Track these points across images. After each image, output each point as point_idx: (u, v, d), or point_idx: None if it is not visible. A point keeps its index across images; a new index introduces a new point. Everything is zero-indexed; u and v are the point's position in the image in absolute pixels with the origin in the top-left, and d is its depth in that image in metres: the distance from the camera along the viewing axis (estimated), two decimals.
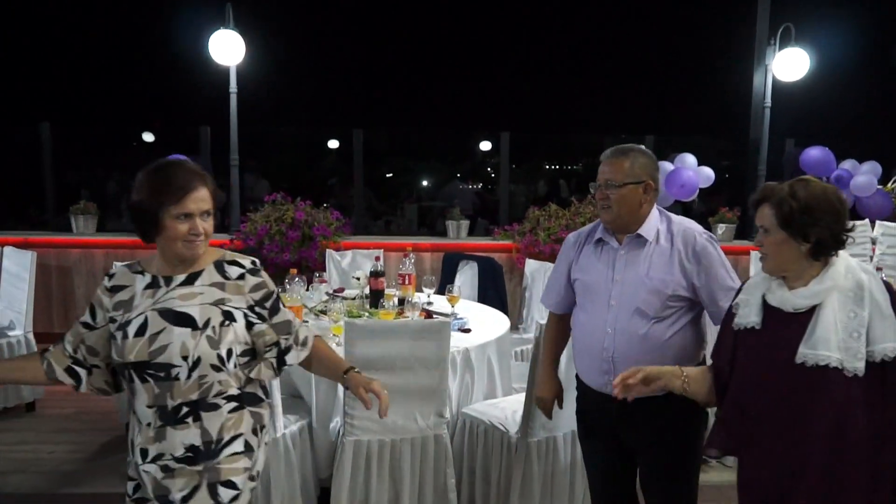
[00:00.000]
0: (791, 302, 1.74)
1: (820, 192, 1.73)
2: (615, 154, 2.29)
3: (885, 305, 1.68)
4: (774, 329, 1.76)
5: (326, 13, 8.89)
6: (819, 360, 1.66)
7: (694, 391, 1.90)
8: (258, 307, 1.89)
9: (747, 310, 1.82)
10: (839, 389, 1.66)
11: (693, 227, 2.27)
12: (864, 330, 1.66)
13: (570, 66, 9.30)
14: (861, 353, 1.66)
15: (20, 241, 5.63)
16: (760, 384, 1.76)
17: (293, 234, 5.57)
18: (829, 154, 6.67)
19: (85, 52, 8.80)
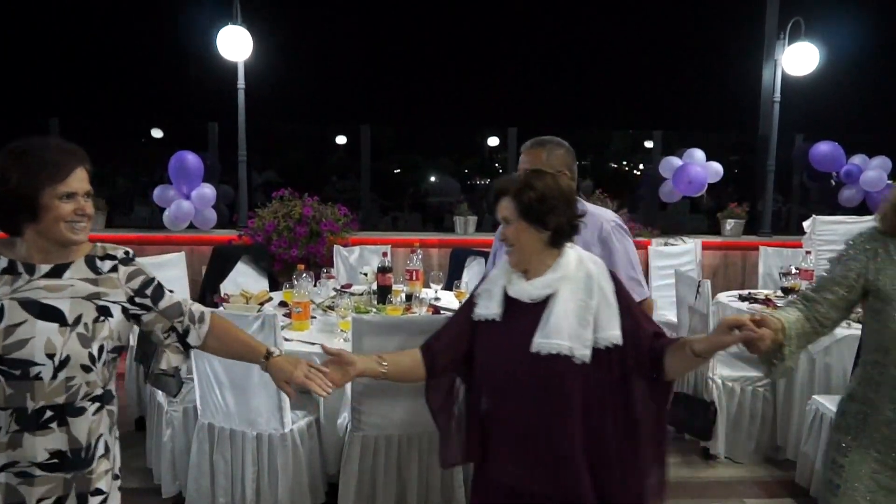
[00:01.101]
0: (528, 292, 1.79)
1: (552, 183, 1.83)
2: (533, 145, 2.43)
3: (611, 295, 1.78)
4: (514, 320, 1.81)
5: (333, 9, 8.88)
6: (551, 348, 1.71)
7: (393, 373, 1.89)
8: (139, 297, 1.75)
9: (489, 302, 1.85)
10: (570, 377, 1.73)
11: (604, 215, 2.37)
12: (591, 318, 1.75)
13: (578, 60, 9.26)
14: (588, 341, 1.73)
15: None
16: (501, 376, 1.80)
17: (301, 230, 5.58)
18: (838, 149, 6.63)
19: (93, 49, 8.83)
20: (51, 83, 9.47)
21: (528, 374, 1.76)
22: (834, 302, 1.80)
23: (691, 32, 8.26)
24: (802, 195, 7.43)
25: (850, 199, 6.60)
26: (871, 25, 7.18)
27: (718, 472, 3.74)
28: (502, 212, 1.83)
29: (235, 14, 5.80)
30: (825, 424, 3.27)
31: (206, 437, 3.01)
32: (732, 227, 6.57)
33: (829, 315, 1.80)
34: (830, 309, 1.80)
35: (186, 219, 6.08)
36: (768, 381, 3.85)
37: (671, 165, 6.57)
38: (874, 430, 1.79)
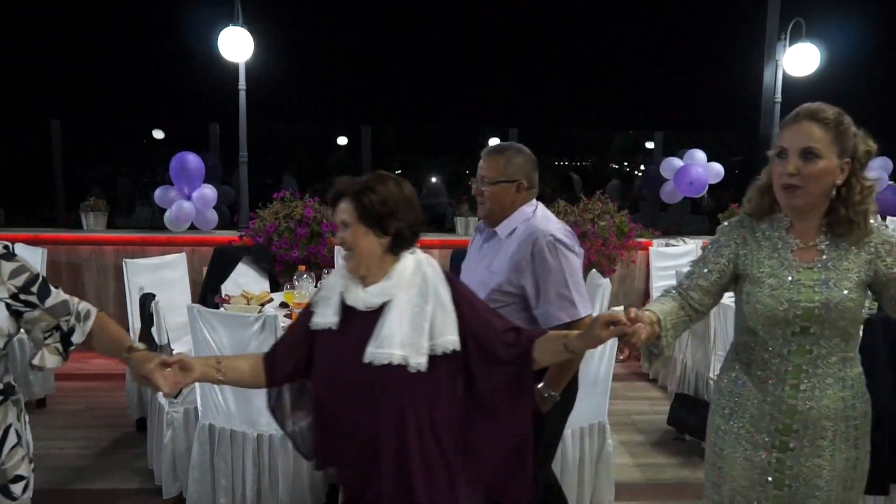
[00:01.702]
0: (364, 300, 1.74)
1: (395, 187, 1.76)
2: (492, 152, 2.37)
3: (448, 300, 1.74)
4: (350, 329, 1.75)
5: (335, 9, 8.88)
6: (384, 358, 1.67)
7: (231, 380, 1.85)
8: (24, 294, 1.74)
9: (326, 310, 1.78)
10: (406, 386, 1.68)
11: (543, 229, 2.25)
12: (427, 324, 1.70)
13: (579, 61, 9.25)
14: (424, 348, 1.69)
15: (30, 237, 5.67)
16: (338, 386, 1.75)
17: (302, 231, 5.58)
18: None
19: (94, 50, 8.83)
20: (52, 84, 9.47)
21: (363, 385, 1.71)
22: (706, 288, 1.85)
23: (692, 33, 8.25)
24: None
25: None
26: (872, 26, 7.18)
27: None
28: (340, 215, 1.75)
29: (237, 15, 5.80)
30: None
31: (207, 438, 3.01)
32: None
33: (703, 301, 1.85)
34: (704, 295, 1.85)
35: (187, 220, 6.09)
36: None
37: (672, 166, 6.57)
38: (744, 410, 1.84)
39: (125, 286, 4.28)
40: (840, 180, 1.70)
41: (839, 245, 1.73)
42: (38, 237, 5.83)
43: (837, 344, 1.74)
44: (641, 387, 5.26)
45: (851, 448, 1.79)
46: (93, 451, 3.90)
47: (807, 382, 1.74)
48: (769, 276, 1.75)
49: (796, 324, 1.72)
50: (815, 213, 1.74)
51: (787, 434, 1.77)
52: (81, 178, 9.09)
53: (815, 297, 1.70)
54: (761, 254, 1.79)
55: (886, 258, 1.72)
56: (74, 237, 6.13)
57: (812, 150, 1.67)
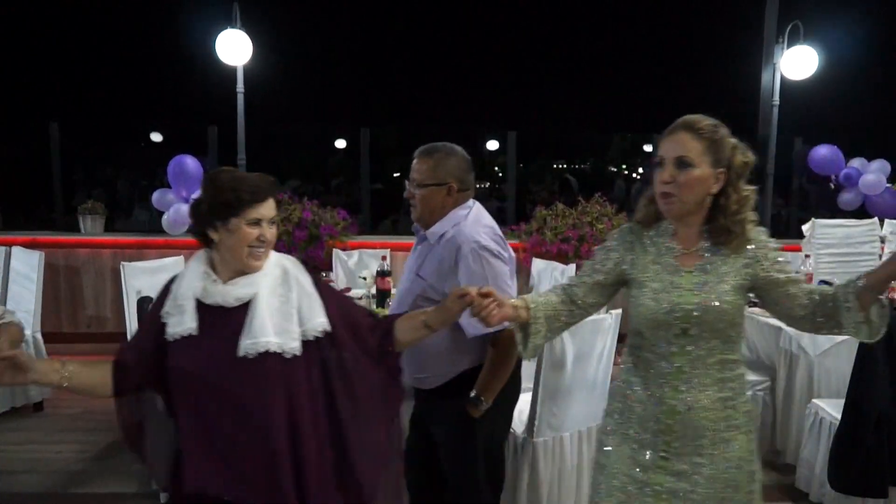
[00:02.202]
0: (233, 294, 1.75)
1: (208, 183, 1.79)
2: (423, 153, 2.32)
3: (310, 286, 1.81)
4: (214, 329, 1.74)
5: (333, 12, 8.89)
6: (259, 347, 1.69)
7: (76, 386, 1.77)
8: None
9: (181, 317, 1.74)
10: (283, 375, 1.71)
11: (469, 236, 2.21)
12: (294, 310, 1.76)
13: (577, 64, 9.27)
14: (296, 333, 1.74)
15: (28, 241, 5.66)
16: (206, 389, 1.72)
17: (300, 234, 5.58)
18: (837, 152, 6.64)
19: (93, 53, 8.84)
20: (51, 87, 9.48)
21: (236, 382, 1.70)
22: (591, 286, 1.91)
23: (690, 36, 8.27)
24: (802, 198, 7.43)
25: (849, 203, 6.60)
26: (870, 29, 7.20)
27: None
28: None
29: (235, 18, 5.80)
30: (825, 428, 3.27)
31: None
32: None
33: (586, 298, 1.92)
34: (588, 292, 1.92)
35: (185, 223, 6.08)
36: (768, 386, 3.85)
37: None
38: (632, 411, 1.88)
39: (123, 289, 4.27)
40: (715, 189, 1.76)
41: (719, 251, 1.79)
42: (36, 240, 5.83)
43: (717, 346, 1.78)
44: None
45: (733, 449, 1.81)
46: (90, 455, 3.89)
47: (687, 384, 1.79)
48: (653, 281, 1.81)
49: (676, 326, 1.77)
50: (695, 219, 1.80)
51: (669, 434, 1.81)
52: (80, 180, 9.09)
53: (694, 299, 1.75)
54: (647, 259, 1.85)
55: (764, 262, 1.78)
56: (72, 240, 6.12)
57: (685, 159, 1.73)
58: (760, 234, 1.82)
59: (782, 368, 3.76)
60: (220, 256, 1.80)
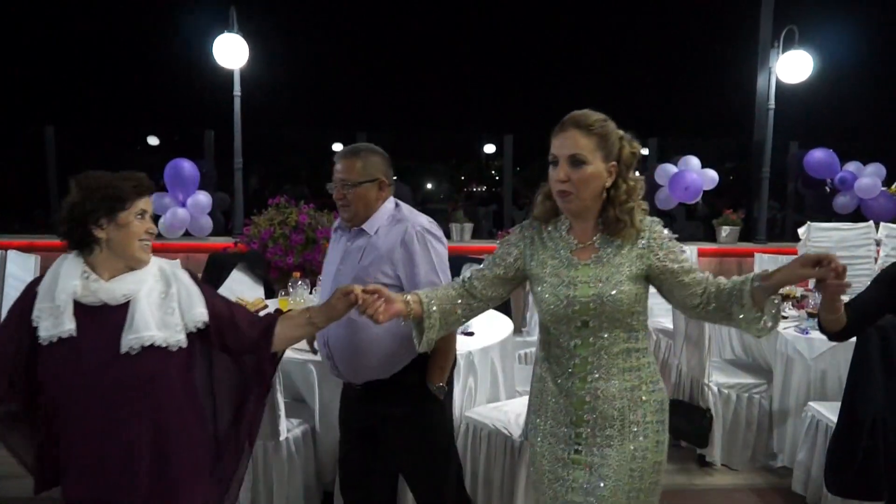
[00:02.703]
0: (119, 291, 1.75)
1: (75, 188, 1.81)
2: (348, 154, 2.42)
3: (189, 281, 1.84)
4: (93, 329, 1.72)
5: (330, 16, 8.90)
6: (143, 341, 1.70)
7: None
8: None
9: (57, 319, 1.70)
10: (168, 369, 1.75)
11: (414, 220, 2.37)
12: (175, 304, 1.78)
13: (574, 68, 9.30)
14: (179, 326, 1.77)
15: (24, 244, 5.64)
16: (84, 390, 1.70)
17: (297, 238, 5.57)
18: (832, 156, 6.65)
19: (90, 56, 8.83)
20: (47, 91, 9.47)
21: (118, 380, 1.70)
22: (491, 280, 1.95)
23: (686, 40, 8.30)
24: (797, 202, 7.45)
25: (844, 206, 6.62)
26: (864, 33, 7.23)
27: (715, 479, 3.74)
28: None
29: (232, 22, 5.80)
30: (821, 431, 3.27)
31: None
32: (728, 233, 6.58)
33: (485, 291, 1.95)
34: (487, 286, 1.95)
35: (182, 226, 6.07)
36: (765, 388, 3.85)
37: (667, 172, 6.59)
38: (547, 406, 1.92)
39: None
40: (609, 183, 1.81)
41: (613, 242, 1.83)
42: (32, 244, 5.81)
43: (619, 335, 1.82)
44: None
45: (639, 437, 1.83)
46: None
47: (593, 374, 1.83)
48: (551, 275, 1.85)
49: (577, 318, 1.81)
50: (590, 213, 1.84)
51: (581, 426, 1.85)
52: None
53: (590, 291, 1.79)
54: (546, 254, 1.88)
55: (658, 252, 1.81)
56: None
57: (578, 156, 1.76)
58: (654, 224, 1.85)
59: (779, 371, 3.76)
60: (104, 255, 1.78)
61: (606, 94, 8.91)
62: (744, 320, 1.72)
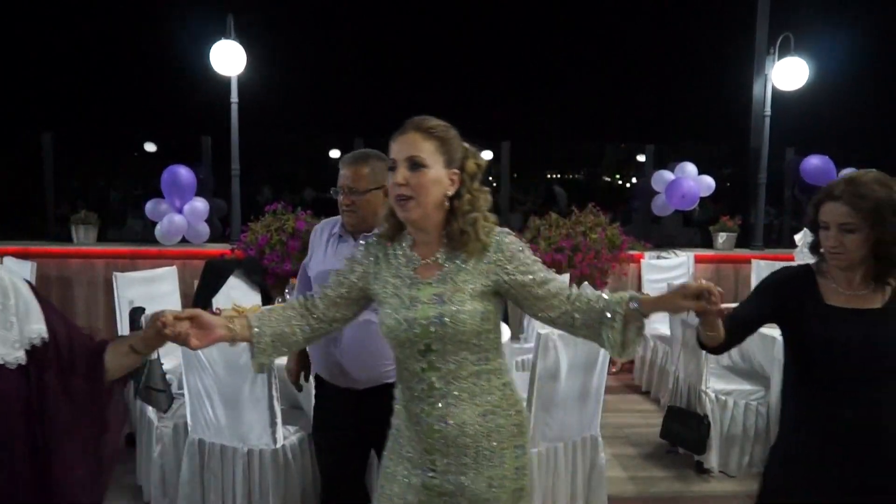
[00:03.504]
0: None
1: None
2: (355, 161, 2.39)
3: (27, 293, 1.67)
4: None
5: (327, 23, 8.92)
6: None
7: None
8: None
9: None
10: (9, 388, 1.63)
11: None
12: (14, 319, 1.63)
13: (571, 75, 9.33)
14: (17, 343, 1.63)
15: (20, 251, 5.63)
16: None
17: (294, 244, 5.57)
18: (829, 162, 6.68)
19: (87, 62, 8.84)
20: (44, 97, 9.46)
21: None
22: (333, 300, 1.82)
23: (683, 47, 8.33)
24: (794, 208, 7.47)
25: None
26: (860, 40, 7.26)
27: (712, 486, 3.73)
28: None
29: (229, 29, 5.81)
30: None
31: (197, 453, 2.98)
32: (725, 240, 6.59)
33: (327, 313, 1.82)
34: (330, 306, 1.82)
35: (179, 233, 6.06)
36: (762, 395, 3.85)
37: (663, 179, 6.60)
38: (400, 432, 1.82)
39: (115, 300, 4.25)
40: (451, 191, 1.71)
41: (458, 257, 1.72)
42: (28, 250, 5.80)
43: (467, 358, 1.71)
44: (634, 399, 5.25)
45: (496, 465, 1.73)
46: None
47: (442, 400, 1.71)
48: (392, 296, 1.74)
49: (419, 342, 1.69)
50: (433, 226, 1.73)
51: (433, 453, 1.74)
52: (72, 190, 9.06)
53: (430, 312, 1.67)
54: (389, 273, 1.77)
55: (507, 265, 1.71)
56: (64, 250, 6.09)
57: (417, 159, 1.67)
58: (503, 236, 1.74)
59: (776, 378, 3.75)
60: None
61: (603, 100, 8.94)
62: (610, 340, 1.65)
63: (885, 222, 1.77)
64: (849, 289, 1.89)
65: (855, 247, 1.80)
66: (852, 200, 1.78)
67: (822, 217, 1.85)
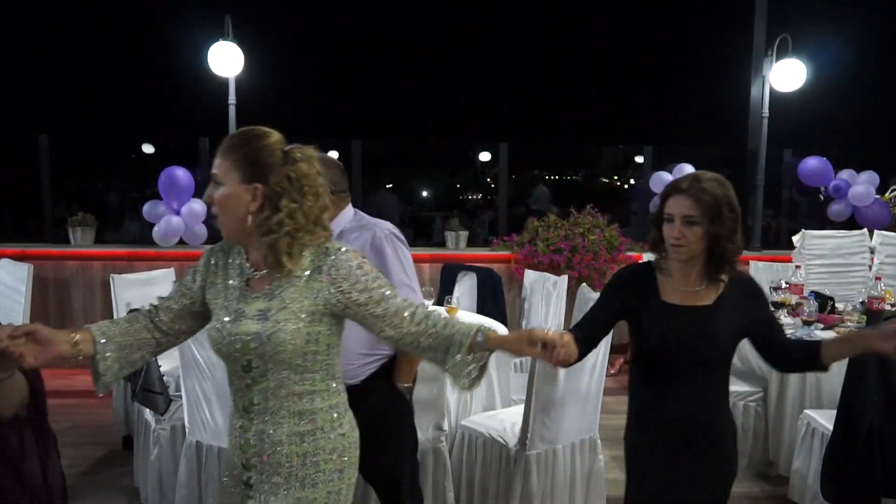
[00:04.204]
0: None
1: None
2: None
3: None
4: None
5: (325, 24, 8.91)
6: None
7: None
8: None
9: None
10: None
11: (379, 225, 2.39)
12: None
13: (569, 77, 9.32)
14: None
15: (17, 253, 5.61)
16: None
17: None
18: (826, 164, 6.68)
19: (84, 64, 8.82)
20: (41, 99, 9.45)
21: None
22: (178, 312, 1.74)
23: (680, 49, 8.34)
24: (792, 210, 7.48)
25: (838, 214, 6.64)
26: (857, 42, 7.27)
27: None
28: None
29: (227, 30, 5.80)
30: (817, 439, 3.27)
31: (195, 456, 2.97)
32: None
33: (174, 325, 1.74)
34: (175, 319, 1.74)
35: (176, 234, 6.05)
36: (760, 397, 3.85)
37: (661, 180, 6.60)
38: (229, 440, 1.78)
39: (112, 302, 4.24)
40: (254, 207, 1.62)
41: (287, 273, 1.64)
42: (25, 252, 5.78)
43: (288, 377, 1.64)
44: None
45: (308, 486, 1.68)
46: (78, 470, 3.84)
47: (260, 418, 1.67)
48: (221, 308, 1.68)
49: (241, 357, 1.63)
50: (246, 240, 1.67)
51: (249, 470, 1.69)
52: (70, 192, 9.05)
53: (252, 328, 1.61)
54: (224, 282, 1.71)
55: (342, 283, 1.64)
56: (61, 252, 6.08)
57: (214, 176, 1.63)
58: (340, 253, 1.66)
59: (774, 379, 3.76)
60: None
61: (602, 102, 8.94)
62: (453, 366, 1.65)
63: (722, 217, 1.90)
64: (685, 286, 1.99)
65: (696, 239, 1.91)
66: (696, 194, 1.90)
67: (668, 209, 1.95)
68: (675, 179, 1.98)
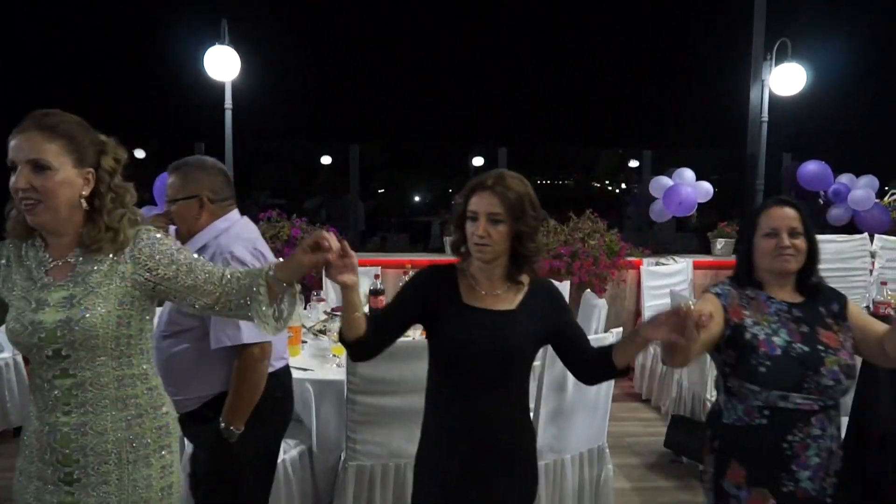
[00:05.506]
0: None
1: None
2: (171, 169, 2.33)
3: None
4: None
5: (322, 28, 8.87)
6: None
7: None
8: None
9: None
10: None
11: (226, 246, 2.21)
12: None
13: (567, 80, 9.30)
14: None
15: None
16: None
17: (289, 251, 5.50)
18: (826, 168, 6.67)
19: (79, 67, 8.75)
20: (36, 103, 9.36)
21: None
22: None
23: (679, 53, 8.32)
24: None
25: (838, 218, 6.63)
26: (857, 46, 7.27)
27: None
28: None
29: (223, 34, 5.75)
30: None
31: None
32: (723, 246, 6.57)
33: None
34: None
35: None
36: None
37: (661, 185, 6.57)
38: (30, 446, 1.70)
39: None
40: (86, 191, 1.63)
41: (94, 258, 1.64)
42: None
43: (106, 363, 1.63)
44: (634, 407, 5.20)
45: (141, 467, 1.68)
46: None
47: (79, 408, 1.63)
48: (19, 299, 1.63)
49: (47, 348, 1.59)
50: (68, 228, 1.64)
51: (70, 465, 1.64)
52: None
53: (58, 316, 1.58)
54: (20, 275, 1.66)
55: (148, 262, 1.65)
56: None
57: (41, 162, 1.58)
58: (144, 232, 1.68)
59: None
60: None
61: (600, 106, 8.92)
62: (260, 314, 1.63)
63: (525, 215, 1.85)
64: (487, 288, 1.92)
65: (500, 238, 1.84)
66: (501, 192, 1.83)
67: (472, 207, 1.87)
68: (479, 177, 1.89)
